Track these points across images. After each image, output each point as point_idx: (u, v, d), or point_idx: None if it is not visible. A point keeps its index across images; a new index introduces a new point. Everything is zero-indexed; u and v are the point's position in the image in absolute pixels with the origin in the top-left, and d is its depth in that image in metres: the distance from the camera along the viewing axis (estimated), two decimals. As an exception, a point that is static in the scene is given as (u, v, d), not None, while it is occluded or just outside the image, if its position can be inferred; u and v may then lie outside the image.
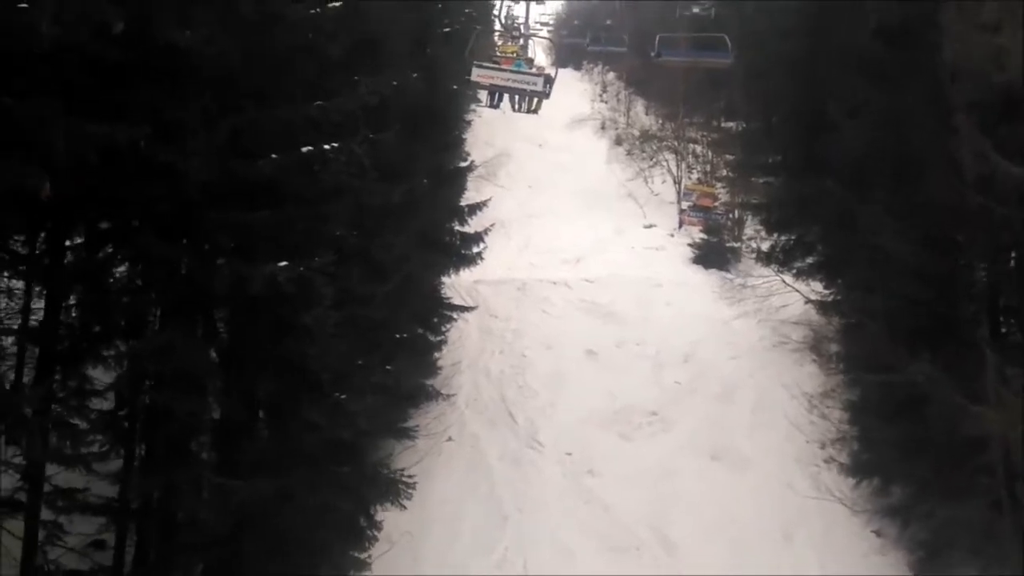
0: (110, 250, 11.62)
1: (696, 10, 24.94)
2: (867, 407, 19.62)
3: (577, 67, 56.70)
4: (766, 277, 25.49)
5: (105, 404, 11.50)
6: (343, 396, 11.69)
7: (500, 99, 25.83)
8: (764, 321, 25.29)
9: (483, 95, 29.02)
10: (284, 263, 10.65)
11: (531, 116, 39.02)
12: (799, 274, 24.73)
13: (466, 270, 23.61)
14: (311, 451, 11.49)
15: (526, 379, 22.90)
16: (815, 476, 19.46)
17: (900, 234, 17.25)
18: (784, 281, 24.97)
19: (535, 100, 24.02)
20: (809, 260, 24.60)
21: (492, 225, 23.57)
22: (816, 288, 24.44)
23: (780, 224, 25.34)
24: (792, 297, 25.27)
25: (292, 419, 11.51)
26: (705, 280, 28.74)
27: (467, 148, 35.92)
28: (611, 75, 52.75)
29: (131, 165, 10.48)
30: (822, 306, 23.50)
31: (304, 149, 11.19)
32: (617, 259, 30.36)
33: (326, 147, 11.24)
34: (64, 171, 9.38)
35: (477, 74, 21.81)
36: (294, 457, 11.38)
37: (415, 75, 18.69)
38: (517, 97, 24.92)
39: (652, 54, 21.96)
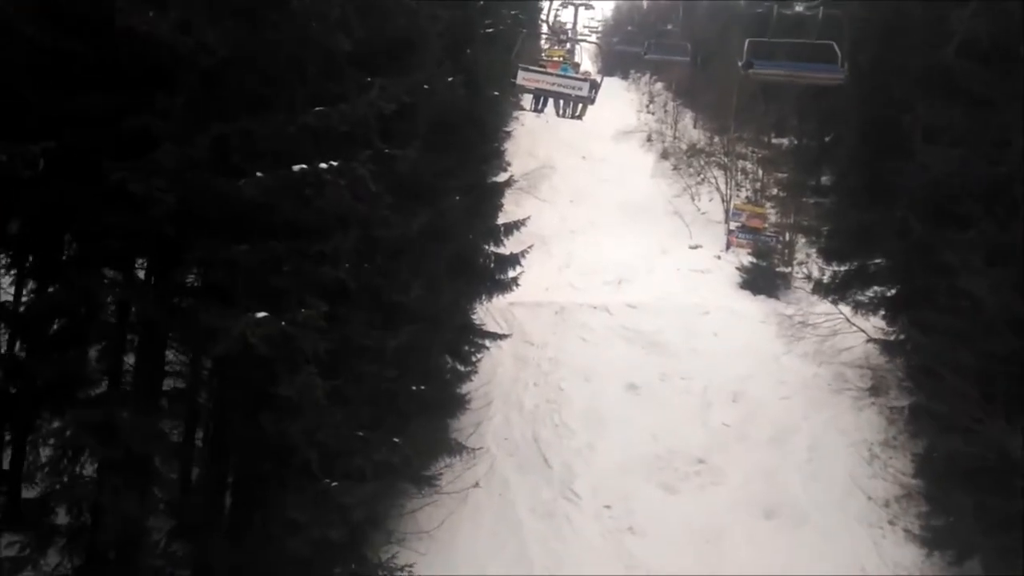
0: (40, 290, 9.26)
1: (799, 8, 20.29)
2: (935, 463, 17.28)
3: (624, 76, 54.09)
4: (828, 314, 22.66)
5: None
6: (334, 484, 9.37)
7: (544, 104, 24.06)
8: (819, 358, 22.68)
9: (527, 101, 27.07)
10: (262, 314, 8.35)
11: (575, 127, 37.16)
12: (857, 308, 22.12)
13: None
14: (294, 554, 9.14)
15: (562, 416, 20.57)
16: (878, 541, 17.05)
17: (990, 276, 14.93)
18: (847, 319, 22.21)
19: (580, 106, 22.16)
20: (868, 293, 22.04)
21: (531, 246, 21.26)
22: (876, 324, 21.92)
23: (838, 252, 22.71)
24: (849, 332, 22.66)
25: (270, 515, 9.15)
26: (754, 308, 26.19)
27: (508, 158, 33.70)
28: (659, 85, 50.11)
29: (74, 184, 8.29)
30: (886, 346, 20.98)
31: (296, 168, 8.87)
32: (661, 282, 27.92)
33: (323, 166, 8.88)
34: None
35: (523, 77, 20.15)
36: (272, 564, 9.04)
37: (451, 79, 16.47)
38: (562, 102, 22.83)
39: (739, 64, 17.32)
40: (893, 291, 21.29)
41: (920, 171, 17.90)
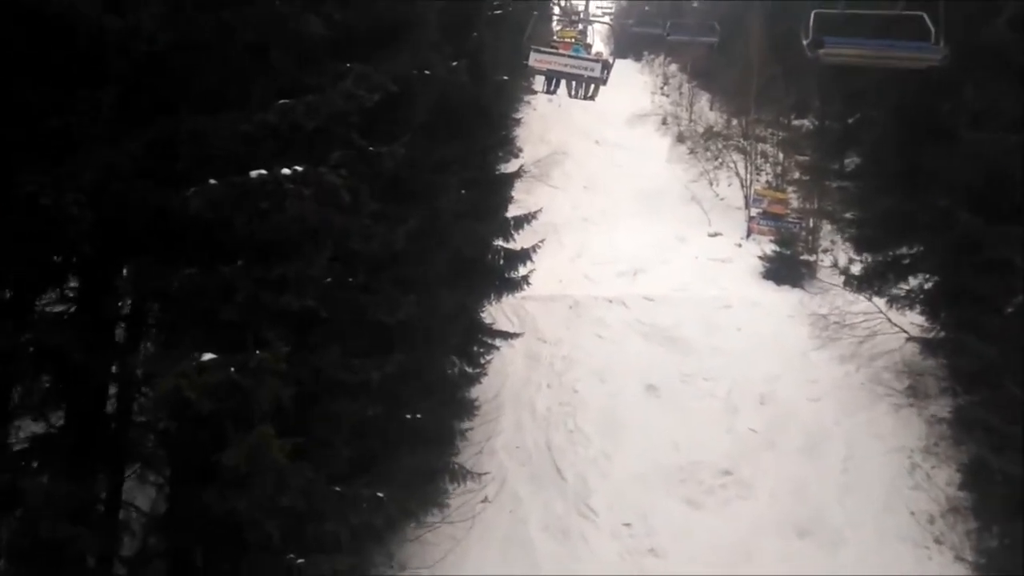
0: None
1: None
2: (983, 476, 15.58)
3: (637, 58, 51.94)
4: (867, 314, 20.67)
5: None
6: (300, 560, 7.62)
7: (557, 85, 23.20)
8: (850, 355, 20.80)
9: (539, 83, 25.99)
10: (209, 357, 6.61)
11: (588, 111, 35.83)
12: (892, 302, 20.24)
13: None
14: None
15: (576, 421, 18.84)
16: (923, 562, 15.34)
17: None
18: (887, 318, 20.20)
19: (592, 87, 21.43)
20: (904, 286, 20.16)
21: (543, 240, 19.44)
22: (913, 320, 20.09)
23: (871, 241, 20.72)
24: (879, 323, 20.74)
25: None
26: (778, 300, 24.25)
27: (519, 144, 32.08)
28: (673, 67, 47.94)
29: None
30: (926, 345, 19.14)
31: (254, 174, 7.10)
32: (680, 272, 26.02)
33: (285, 172, 7.10)
34: None
35: (535, 59, 19.41)
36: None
37: (455, 63, 14.81)
38: (574, 83, 22.04)
39: (804, 43, 13.67)
40: (930, 284, 19.46)
41: (965, 157, 16.11)
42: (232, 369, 6.67)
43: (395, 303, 9.16)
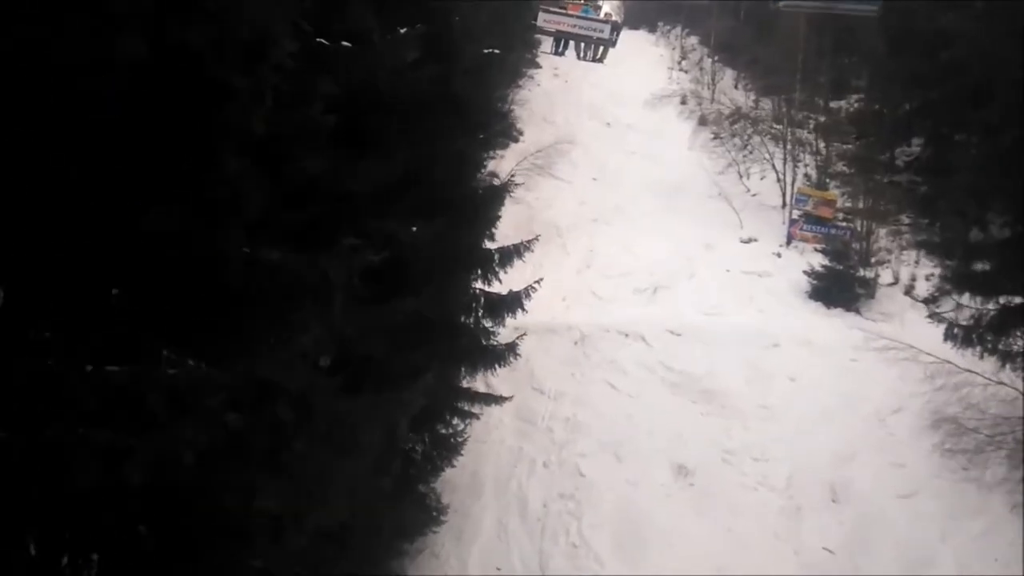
0: None
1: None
2: None
3: (651, 29, 44.94)
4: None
5: None
6: None
7: (565, 47, 22.69)
8: (939, 417, 14.65)
9: (546, 44, 24.80)
10: None
11: (598, 89, 31.45)
12: (1005, 360, 14.14)
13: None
14: None
15: (582, 527, 12.81)
16: None
17: None
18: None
19: (600, 48, 21.52)
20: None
21: (539, 281, 13.15)
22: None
23: (982, 284, 14.43)
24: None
25: None
26: (835, 333, 17.91)
27: (521, 127, 26.12)
28: (692, 39, 41.04)
29: None
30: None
31: None
32: (709, 290, 19.82)
33: None
34: None
35: (543, 19, 19.75)
36: None
37: (403, 31, 8.96)
38: (583, 45, 21.99)
39: None
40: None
41: None
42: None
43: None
